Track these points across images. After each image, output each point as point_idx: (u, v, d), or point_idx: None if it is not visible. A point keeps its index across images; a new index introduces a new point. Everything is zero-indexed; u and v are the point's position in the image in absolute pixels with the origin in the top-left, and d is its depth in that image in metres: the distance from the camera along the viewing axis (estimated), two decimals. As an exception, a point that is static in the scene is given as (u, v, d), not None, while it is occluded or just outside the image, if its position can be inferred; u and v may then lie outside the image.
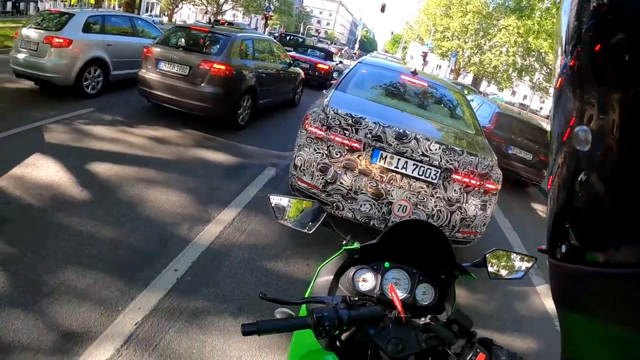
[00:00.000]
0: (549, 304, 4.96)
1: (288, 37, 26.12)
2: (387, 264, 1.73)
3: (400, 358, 1.27)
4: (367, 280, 1.72)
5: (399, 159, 4.27)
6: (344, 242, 1.81)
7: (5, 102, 7.17)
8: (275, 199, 1.90)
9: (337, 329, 1.25)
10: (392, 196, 4.29)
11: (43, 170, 4.88)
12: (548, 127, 0.72)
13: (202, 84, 7.26)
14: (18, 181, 4.57)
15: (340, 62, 22.23)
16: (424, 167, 4.27)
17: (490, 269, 1.84)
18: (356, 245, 1.77)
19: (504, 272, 1.90)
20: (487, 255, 1.85)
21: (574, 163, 0.51)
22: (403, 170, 4.30)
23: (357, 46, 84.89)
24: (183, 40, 7.95)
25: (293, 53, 16.16)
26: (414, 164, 4.27)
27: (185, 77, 7.29)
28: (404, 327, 1.33)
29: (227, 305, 3.44)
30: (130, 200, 4.67)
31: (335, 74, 11.45)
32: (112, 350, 2.78)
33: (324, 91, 6.46)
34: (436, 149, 4.20)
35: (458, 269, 1.71)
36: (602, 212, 0.47)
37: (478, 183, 4.35)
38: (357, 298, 1.58)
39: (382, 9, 41.89)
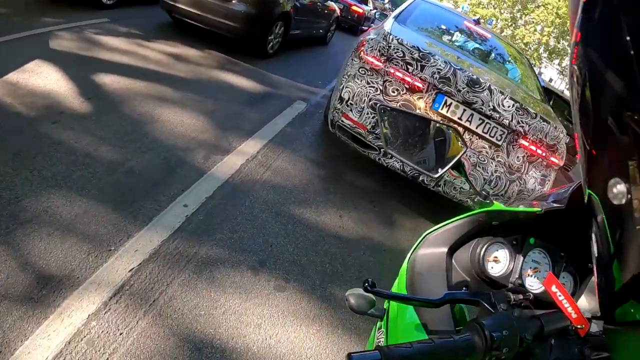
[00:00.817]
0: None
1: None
2: (531, 240, 1.23)
3: None
4: (499, 261, 1.22)
5: (464, 110, 3.69)
6: (477, 199, 1.17)
7: (11, 7, 6.37)
8: (385, 111, 1.28)
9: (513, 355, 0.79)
10: None
11: (42, 78, 4.18)
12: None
13: (233, 1, 6.47)
14: (11, 87, 3.87)
15: (375, 9, 21.31)
16: (491, 124, 3.72)
17: None
18: (499, 206, 1.18)
19: None
20: None
21: (610, 217, 0.48)
22: (467, 124, 3.73)
23: None
24: (215, -49, 7.05)
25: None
26: (480, 119, 3.71)
27: (215, -8, 6.51)
28: (566, 341, 0.88)
29: (246, 256, 2.85)
30: (137, 118, 3.99)
31: (377, 14, 10.51)
32: (98, 303, 2.18)
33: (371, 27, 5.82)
34: (509, 106, 3.62)
35: None
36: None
37: (544, 154, 3.83)
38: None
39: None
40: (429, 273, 1.22)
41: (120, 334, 2.08)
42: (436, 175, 1.34)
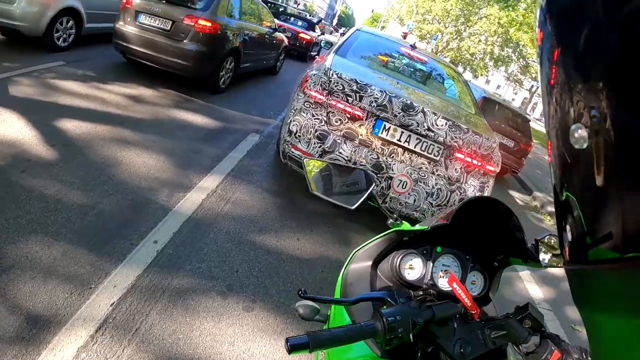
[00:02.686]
0: (532, 290, 5.01)
1: (269, 4, 25.37)
2: (439, 249, 1.47)
3: None
4: (414, 268, 1.46)
5: (402, 132, 4.02)
6: (390, 222, 1.49)
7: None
8: (311, 164, 1.54)
9: (410, 334, 1.03)
10: (392, 170, 4.04)
11: (6, 126, 4.30)
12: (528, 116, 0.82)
13: (185, 41, 6.71)
14: (-23, 137, 4.00)
15: (322, 34, 21.80)
16: (428, 142, 4.05)
17: (541, 256, 1.56)
18: (406, 226, 1.45)
19: (555, 261, 1.62)
20: (538, 240, 1.56)
21: (572, 162, 0.50)
22: (406, 144, 4.06)
23: (335, 21, 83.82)
24: (166, -8, 7.27)
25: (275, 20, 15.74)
26: (417, 139, 4.04)
27: (167, 33, 6.71)
28: (468, 324, 1.14)
29: (214, 283, 3.09)
30: (102, 161, 4.18)
31: (322, 43, 10.88)
32: (85, 337, 2.37)
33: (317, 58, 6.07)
34: (442, 125, 3.96)
35: (522, 256, 1.42)
36: (597, 211, 0.47)
37: (479, 164, 4.19)
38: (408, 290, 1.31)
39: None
40: (358, 282, 1.47)
41: (109, 362, 2.29)
42: (353, 207, 1.56)
